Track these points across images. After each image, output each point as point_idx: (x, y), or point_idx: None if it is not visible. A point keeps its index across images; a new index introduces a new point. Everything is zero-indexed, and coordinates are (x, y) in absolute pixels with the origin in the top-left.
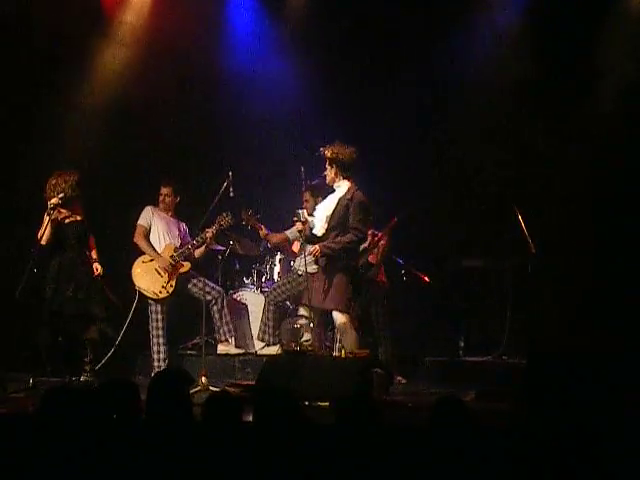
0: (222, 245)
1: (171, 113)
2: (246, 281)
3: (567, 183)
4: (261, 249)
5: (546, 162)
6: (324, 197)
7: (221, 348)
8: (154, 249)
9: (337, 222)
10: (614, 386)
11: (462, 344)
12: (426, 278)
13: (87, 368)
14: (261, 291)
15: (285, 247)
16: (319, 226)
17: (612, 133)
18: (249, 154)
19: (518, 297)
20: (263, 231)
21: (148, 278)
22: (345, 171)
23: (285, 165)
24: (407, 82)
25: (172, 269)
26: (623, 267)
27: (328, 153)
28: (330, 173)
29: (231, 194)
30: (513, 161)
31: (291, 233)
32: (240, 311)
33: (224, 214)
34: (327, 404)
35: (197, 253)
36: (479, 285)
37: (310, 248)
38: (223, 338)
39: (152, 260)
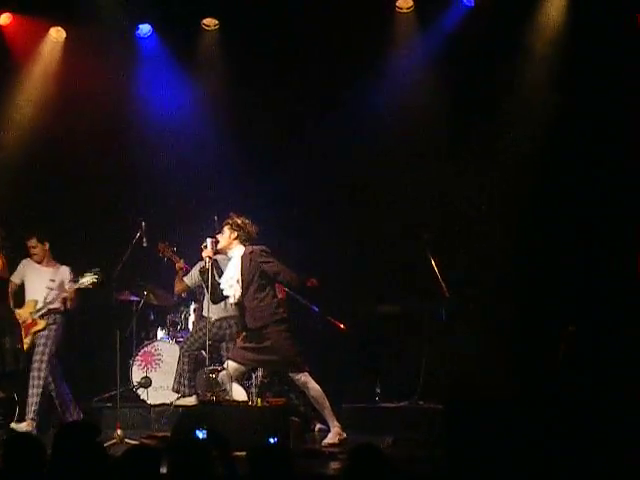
0: (136, 295)
1: (83, 164)
2: (160, 332)
3: (481, 226)
4: (175, 299)
5: (459, 206)
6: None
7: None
8: (16, 303)
9: (251, 277)
10: (532, 431)
11: (378, 390)
12: (342, 325)
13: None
14: (176, 341)
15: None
16: (232, 291)
17: (527, 174)
18: (162, 204)
19: (433, 342)
20: (180, 264)
21: None
22: (244, 241)
23: (198, 215)
24: (318, 133)
25: (27, 326)
26: (539, 310)
27: (239, 221)
28: (229, 237)
29: (144, 244)
30: (425, 205)
31: (190, 279)
32: (154, 363)
33: (92, 274)
34: (244, 454)
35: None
36: (394, 331)
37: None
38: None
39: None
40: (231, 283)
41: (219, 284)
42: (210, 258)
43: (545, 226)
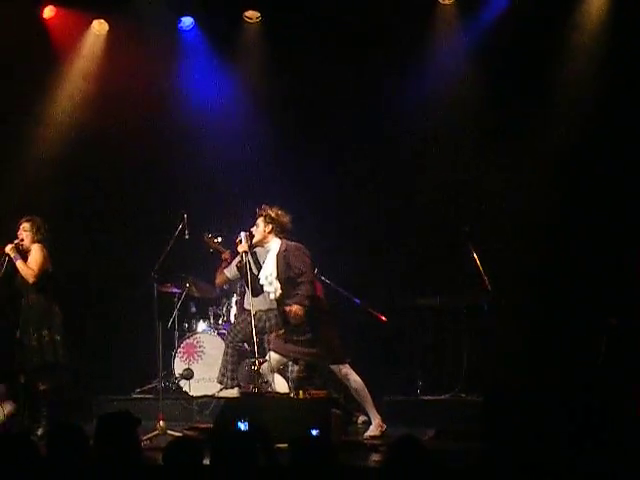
0: (178, 287)
1: (125, 157)
2: (203, 324)
3: (520, 220)
4: (217, 291)
5: (499, 199)
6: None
7: None
8: None
9: (286, 276)
10: (568, 424)
11: (420, 383)
12: (383, 317)
13: (43, 419)
14: (218, 333)
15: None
16: (272, 288)
17: (562, 170)
18: (204, 196)
19: (474, 334)
20: (226, 254)
21: None
22: (279, 233)
23: (240, 206)
24: (356, 125)
25: None
26: (580, 303)
27: (272, 213)
28: (264, 229)
29: (186, 236)
30: (467, 198)
31: (230, 272)
32: (196, 354)
33: None
34: (286, 445)
35: None
36: (435, 323)
37: (291, 314)
38: None
39: None
40: (270, 280)
41: (258, 278)
42: (246, 253)
43: (584, 220)
